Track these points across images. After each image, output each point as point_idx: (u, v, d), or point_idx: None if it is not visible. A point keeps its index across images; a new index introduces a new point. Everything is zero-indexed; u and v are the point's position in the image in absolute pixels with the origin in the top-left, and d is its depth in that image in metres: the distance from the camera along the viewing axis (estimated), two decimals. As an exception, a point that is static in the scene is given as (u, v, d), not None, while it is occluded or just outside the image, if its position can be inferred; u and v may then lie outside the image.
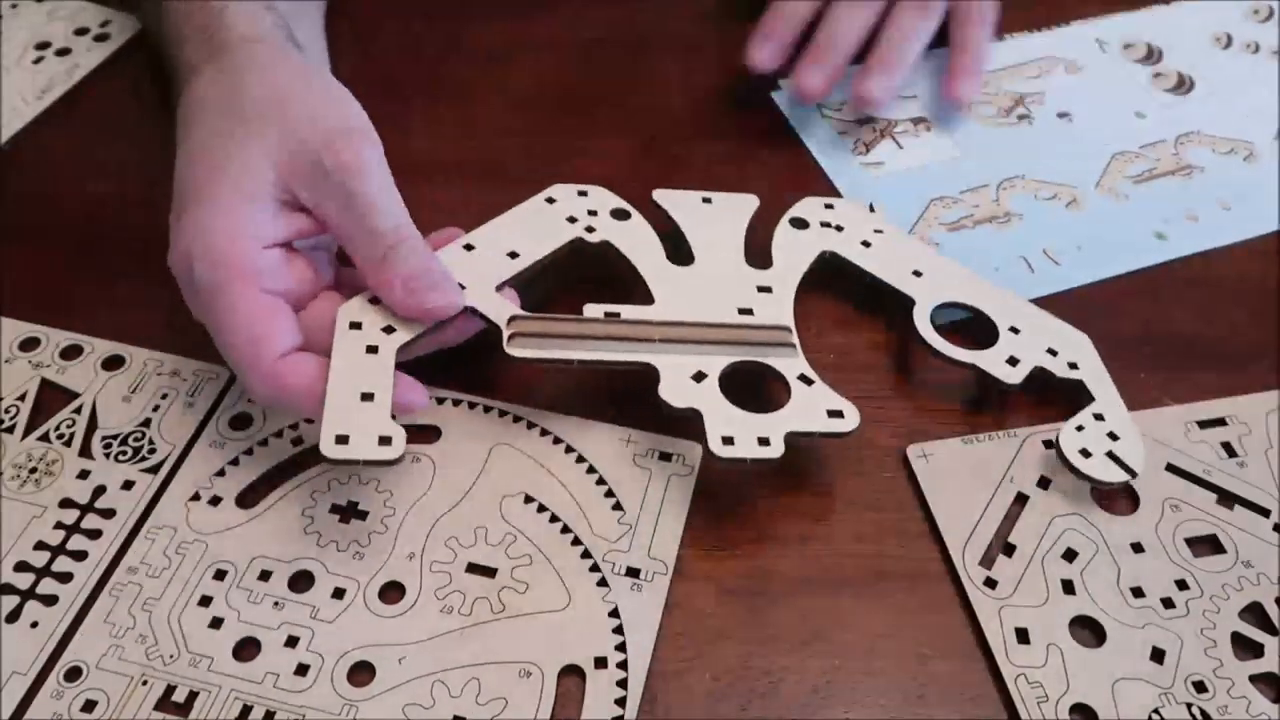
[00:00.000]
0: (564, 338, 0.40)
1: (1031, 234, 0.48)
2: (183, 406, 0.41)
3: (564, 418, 0.41)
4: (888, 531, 0.39)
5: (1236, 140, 0.52)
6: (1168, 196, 0.50)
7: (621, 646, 0.35)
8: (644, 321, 0.41)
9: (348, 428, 0.36)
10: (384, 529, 0.38)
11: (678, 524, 0.38)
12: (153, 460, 0.39)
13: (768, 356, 0.40)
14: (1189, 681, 0.35)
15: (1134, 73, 0.56)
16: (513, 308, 0.40)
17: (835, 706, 0.35)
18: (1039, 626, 0.36)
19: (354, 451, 0.35)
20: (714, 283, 0.43)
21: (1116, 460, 0.39)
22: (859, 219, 0.47)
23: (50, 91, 0.53)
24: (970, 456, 0.40)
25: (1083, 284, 0.46)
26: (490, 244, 0.43)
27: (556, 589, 0.37)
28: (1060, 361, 0.42)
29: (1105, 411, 0.40)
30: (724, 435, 0.37)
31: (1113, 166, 0.51)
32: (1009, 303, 0.44)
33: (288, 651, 0.35)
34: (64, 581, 0.36)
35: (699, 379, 0.39)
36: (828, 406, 0.39)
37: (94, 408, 0.41)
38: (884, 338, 0.44)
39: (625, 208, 0.45)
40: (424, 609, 0.36)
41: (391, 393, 0.37)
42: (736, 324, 0.41)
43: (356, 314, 0.39)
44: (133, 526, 0.38)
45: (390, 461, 0.36)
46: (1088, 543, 0.38)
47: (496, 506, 0.39)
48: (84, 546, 0.37)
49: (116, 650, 0.35)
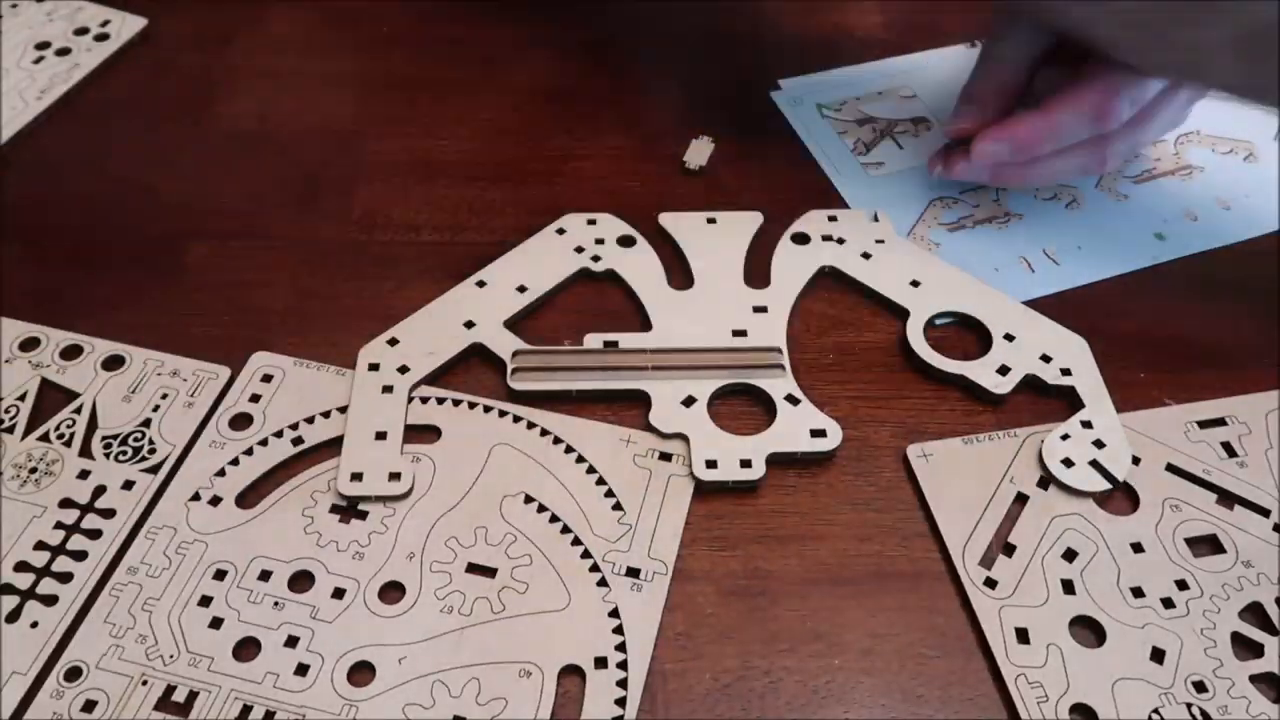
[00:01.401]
0: (563, 369, 0.42)
1: (1031, 234, 0.48)
2: (183, 406, 0.41)
3: (564, 417, 0.41)
4: (888, 531, 0.39)
5: (1236, 140, 0.52)
6: (1167, 196, 0.50)
7: (621, 647, 0.35)
8: (639, 350, 0.43)
9: (362, 465, 0.39)
10: (384, 529, 0.38)
11: (677, 524, 0.38)
12: (153, 460, 0.39)
13: (756, 378, 0.42)
14: (1189, 681, 0.35)
15: None
16: (517, 342, 0.43)
17: (835, 706, 0.35)
18: (1039, 626, 0.36)
19: (367, 488, 0.38)
20: (711, 306, 0.44)
21: (1100, 469, 0.39)
22: (862, 230, 0.47)
23: (50, 91, 0.53)
24: (970, 456, 0.40)
25: (1083, 284, 0.46)
26: (500, 280, 0.45)
27: (556, 589, 0.37)
28: (1053, 368, 0.42)
29: (1094, 419, 0.41)
30: (707, 459, 0.39)
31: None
32: (1006, 309, 0.44)
33: (288, 651, 0.35)
34: (64, 581, 0.36)
35: (689, 403, 0.41)
36: (811, 426, 0.41)
37: (94, 408, 0.41)
38: (884, 337, 0.44)
39: (631, 234, 0.47)
40: (424, 609, 0.36)
41: (402, 429, 0.40)
42: (728, 347, 0.43)
43: (375, 355, 0.42)
44: (133, 526, 0.38)
45: (399, 497, 0.38)
46: (1088, 543, 0.38)
47: (496, 506, 0.39)
48: (84, 546, 0.37)
49: (116, 650, 0.35)
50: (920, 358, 0.43)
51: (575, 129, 0.52)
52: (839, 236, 0.47)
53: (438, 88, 0.54)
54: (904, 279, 0.45)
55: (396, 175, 0.50)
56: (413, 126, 0.52)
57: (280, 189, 0.49)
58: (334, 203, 0.49)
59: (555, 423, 0.41)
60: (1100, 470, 0.39)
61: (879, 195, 0.50)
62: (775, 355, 0.43)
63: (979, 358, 0.43)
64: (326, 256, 0.47)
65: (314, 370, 0.42)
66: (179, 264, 0.46)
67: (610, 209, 0.48)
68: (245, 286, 0.45)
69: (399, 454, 0.39)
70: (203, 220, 0.48)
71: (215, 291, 0.45)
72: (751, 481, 0.39)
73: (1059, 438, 0.40)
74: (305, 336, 0.43)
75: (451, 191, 0.49)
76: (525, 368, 0.42)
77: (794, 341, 0.44)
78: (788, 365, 0.42)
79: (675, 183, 0.50)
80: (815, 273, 0.46)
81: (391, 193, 0.49)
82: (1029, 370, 0.42)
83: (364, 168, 0.50)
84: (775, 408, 0.41)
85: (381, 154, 0.51)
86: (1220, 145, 0.52)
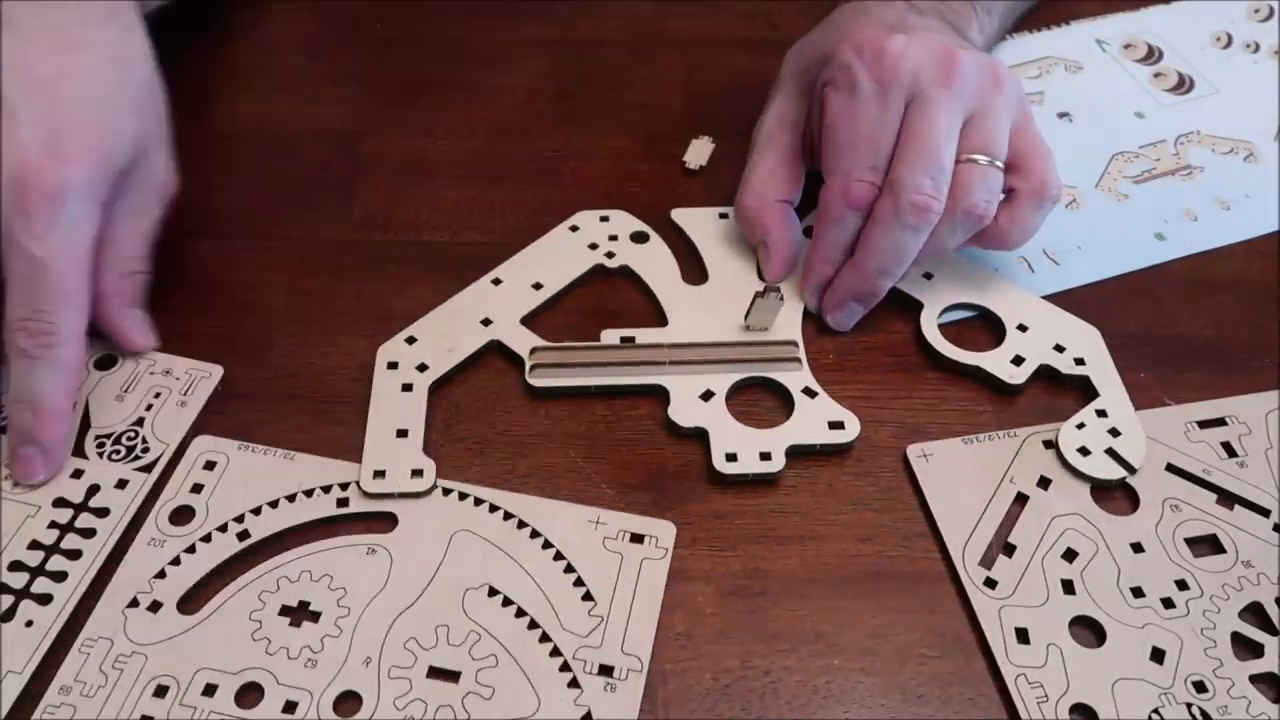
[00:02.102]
0: (581, 365, 0.42)
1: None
2: (176, 405, 0.41)
3: (527, 498, 0.39)
4: (888, 531, 0.39)
5: (1236, 140, 0.52)
6: (1168, 196, 0.50)
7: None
8: (656, 345, 0.43)
9: (385, 463, 0.39)
10: (338, 631, 0.35)
11: (652, 614, 0.36)
12: (146, 459, 0.39)
13: (773, 371, 0.42)
14: (1189, 681, 0.35)
15: (1134, 72, 0.56)
16: (534, 339, 0.42)
17: (835, 706, 0.35)
18: (1039, 626, 0.36)
19: (390, 485, 0.38)
20: (726, 300, 0.44)
21: (1116, 457, 0.39)
22: None
23: (49, 91, 0.52)
24: (970, 456, 0.40)
25: (1083, 284, 0.46)
26: (516, 277, 0.45)
27: (525, 693, 0.34)
28: (1066, 358, 0.42)
29: (1109, 408, 0.41)
30: (728, 452, 0.39)
31: (1113, 166, 0.51)
32: (1018, 300, 0.44)
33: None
34: (58, 580, 0.36)
35: (707, 398, 0.41)
36: (829, 418, 0.41)
37: (87, 406, 0.41)
38: (884, 337, 0.44)
39: (645, 230, 0.47)
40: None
41: (424, 426, 0.39)
42: (744, 341, 0.43)
43: (394, 354, 0.42)
44: (127, 525, 0.37)
45: (422, 493, 0.38)
46: (1088, 543, 0.38)
47: (459, 601, 0.36)
48: (78, 545, 0.37)
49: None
50: (936, 350, 0.43)
51: (575, 129, 0.52)
52: None
53: (438, 88, 0.54)
54: (917, 271, 0.45)
55: (396, 175, 0.50)
56: (413, 126, 0.52)
57: (280, 189, 0.49)
58: (334, 203, 0.49)
59: (519, 505, 0.38)
60: (1116, 458, 0.39)
61: None
62: (791, 349, 0.43)
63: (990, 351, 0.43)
64: (326, 256, 0.47)
65: (260, 455, 0.39)
66: (179, 264, 0.46)
67: (611, 208, 0.48)
68: (245, 286, 0.45)
69: (421, 451, 0.39)
70: (203, 220, 0.48)
71: (215, 291, 0.45)
72: (772, 474, 0.39)
73: (1074, 426, 0.40)
74: (305, 337, 0.43)
75: (451, 191, 0.49)
76: (543, 364, 0.42)
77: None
78: (804, 358, 0.42)
79: (675, 182, 0.50)
80: None
81: (391, 193, 0.49)
82: (1043, 360, 0.42)
83: (364, 168, 0.50)
84: (793, 401, 0.41)
85: (381, 154, 0.51)
86: (1220, 145, 0.52)
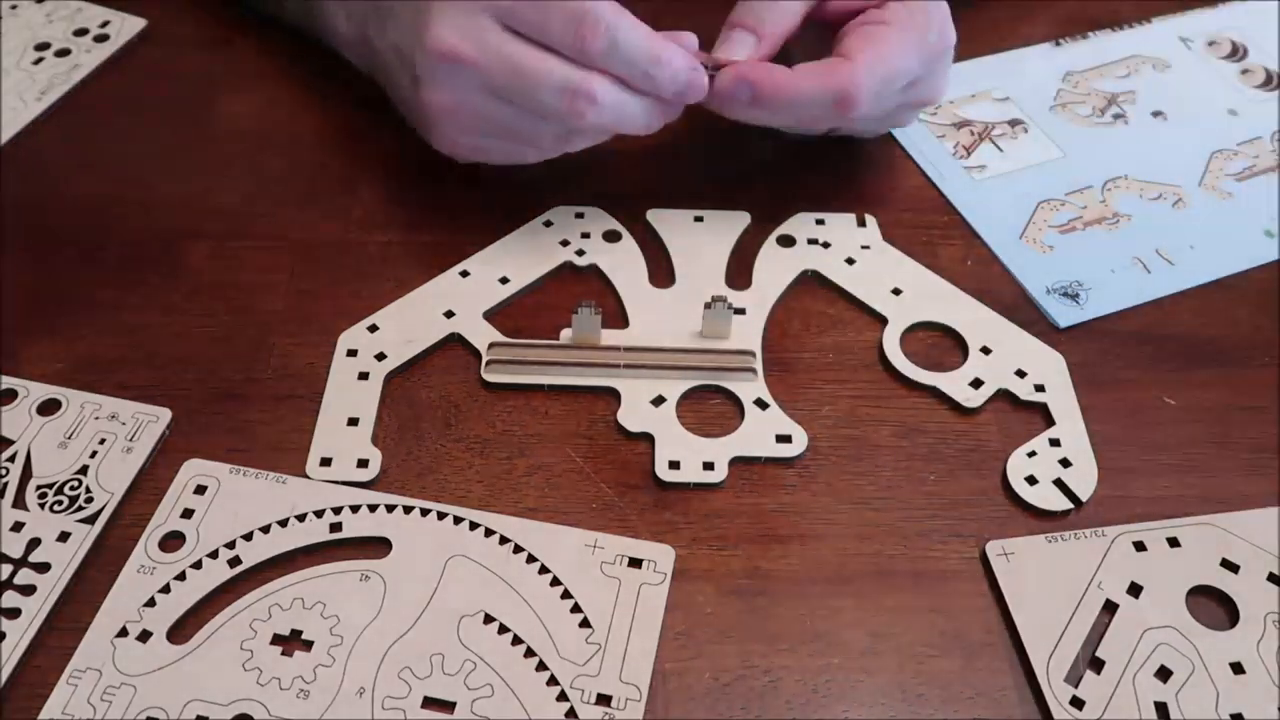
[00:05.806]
0: (537, 364, 0.42)
1: (1142, 235, 0.48)
2: (122, 451, 0.39)
3: (523, 521, 0.38)
4: (888, 531, 0.39)
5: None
6: (1271, 193, 0.50)
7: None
8: (613, 347, 0.43)
9: (332, 451, 0.39)
10: (331, 660, 0.35)
11: (651, 641, 0.35)
12: (90, 510, 0.37)
13: (727, 380, 0.42)
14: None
15: (1221, 69, 0.56)
16: (495, 334, 0.43)
17: (835, 706, 0.35)
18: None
19: (334, 474, 0.38)
20: (689, 306, 0.44)
21: (1064, 489, 0.39)
22: (849, 234, 0.47)
23: (50, 92, 0.52)
24: (1054, 557, 0.37)
25: (1203, 283, 0.46)
26: (484, 270, 0.45)
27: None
28: (1027, 384, 0.42)
29: (1063, 437, 0.40)
30: (670, 460, 0.39)
31: (1213, 165, 0.51)
32: (985, 322, 0.44)
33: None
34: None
35: (658, 403, 0.41)
36: (777, 431, 0.41)
37: (29, 455, 0.39)
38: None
39: (618, 229, 0.47)
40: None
41: (375, 415, 0.39)
42: (701, 349, 0.43)
43: (354, 341, 0.42)
44: (68, 582, 0.36)
45: (366, 484, 0.38)
46: (1182, 660, 0.35)
47: (454, 629, 0.35)
48: (17, 603, 0.35)
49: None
50: (894, 367, 0.43)
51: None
52: (825, 240, 0.47)
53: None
54: (885, 288, 0.45)
55: (396, 175, 0.50)
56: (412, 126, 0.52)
57: (280, 189, 0.49)
58: (334, 203, 0.49)
59: (516, 529, 0.38)
60: (1064, 490, 0.39)
61: (985, 199, 0.49)
62: (748, 359, 0.43)
63: (958, 368, 0.43)
64: (326, 256, 0.47)
65: (251, 479, 0.39)
66: (179, 264, 0.46)
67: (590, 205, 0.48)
68: (245, 286, 0.45)
69: (369, 441, 0.39)
70: (203, 220, 0.48)
71: (215, 291, 0.45)
72: (713, 484, 0.39)
73: (1025, 454, 0.40)
74: (304, 337, 0.43)
75: (451, 191, 0.49)
76: (499, 360, 0.42)
77: (794, 340, 0.44)
78: (760, 369, 0.42)
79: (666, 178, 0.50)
80: (797, 276, 0.46)
81: (391, 193, 0.49)
82: (1002, 385, 0.42)
83: (364, 168, 0.50)
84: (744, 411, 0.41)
85: (381, 154, 0.51)
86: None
